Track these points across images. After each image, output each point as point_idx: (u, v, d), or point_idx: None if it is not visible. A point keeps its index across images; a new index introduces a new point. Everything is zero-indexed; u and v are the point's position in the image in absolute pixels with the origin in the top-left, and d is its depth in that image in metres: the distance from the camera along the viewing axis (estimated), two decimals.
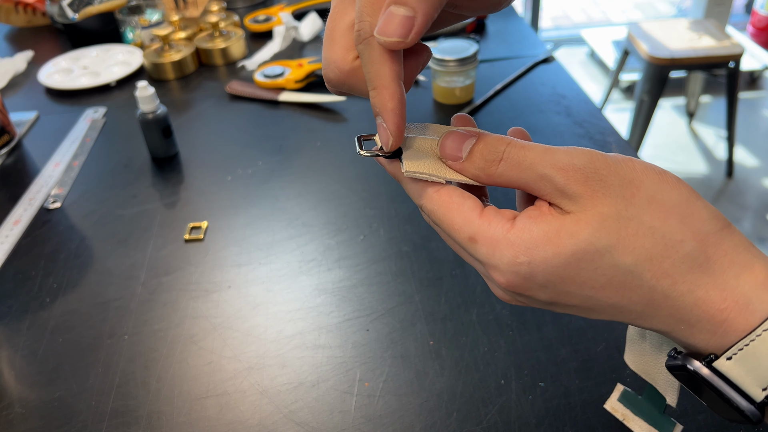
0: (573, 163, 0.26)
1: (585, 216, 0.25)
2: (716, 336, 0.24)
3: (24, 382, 0.51)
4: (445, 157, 0.28)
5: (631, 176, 0.25)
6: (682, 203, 0.25)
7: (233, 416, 0.47)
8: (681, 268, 0.24)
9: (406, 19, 0.25)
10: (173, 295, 0.58)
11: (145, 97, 0.72)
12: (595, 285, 0.26)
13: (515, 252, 0.26)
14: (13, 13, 1.19)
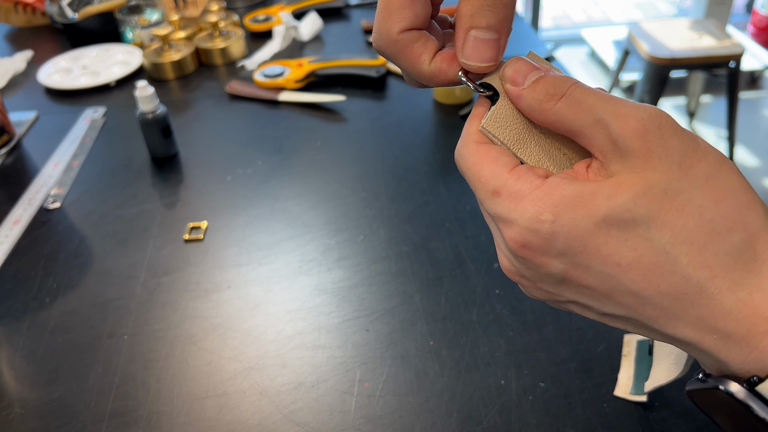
0: (636, 113, 0.23)
1: (629, 178, 0.22)
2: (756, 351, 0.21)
3: (23, 382, 0.50)
4: (507, 79, 0.26)
5: (695, 146, 0.23)
6: (740, 190, 0.22)
7: (233, 416, 0.47)
8: (724, 260, 0.21)
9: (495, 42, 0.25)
10: (173, 296, 0.58)
11: (145, 97, 0.72)
12: (621, 261, 0.22)
13: (540, 208, 0.23)
14: (13, 13, 1.19)
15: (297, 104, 0.88)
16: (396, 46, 0.27)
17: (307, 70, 0.91)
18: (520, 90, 0.25)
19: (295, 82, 0.90)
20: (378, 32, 0.27)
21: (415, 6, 0.26)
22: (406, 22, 0.26)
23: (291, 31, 1.07)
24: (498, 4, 0.25)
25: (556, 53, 2.35)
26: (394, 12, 0.26)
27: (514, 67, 0.26)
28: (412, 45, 0.27)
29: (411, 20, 0.26)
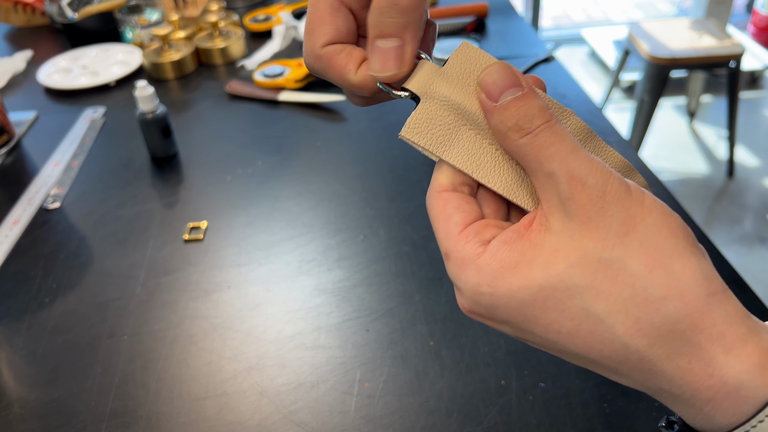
0: (586, 178, 0.23)
1: (566, 245, 0.23)
2: (702, 414, 0.22)
3: (23, 382, 0.50)
4: (482, 88, 0.25)
5: (634, 211, 0.23)
6: (675, 255, 0.22)
7: (233, 417, 0.47)
8: (660, 329, 0.22)
9: (397, 49, 0.25)
10: (173, 296, 0.58)
11: (145, 97, 0.72)
12: (561, 329, 0.23)
13: (480, 279, 0.24)
14: (12, 13, 1.19)
15: (297, 104, 0.88)
16: (321, 61, 0.27)
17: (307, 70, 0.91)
18: (491, 106, 0.25)
19: (295, 81, 0.90)
20: (305, 50, 0.28)
21: (335, 20, 0.27)
22: (327, 36, 0.27)
23: (291, 31, 1.07)
24: (396, 11, 0.25)
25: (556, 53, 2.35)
26: (315, 28, 0.27)
27: (493, 78, 0.25)
28: (335, 57, 0.27)
29: (332, 34, 0.27)
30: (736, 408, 0.21)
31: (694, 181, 2.08)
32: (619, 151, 0.72)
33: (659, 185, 0.67)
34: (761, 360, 0.21)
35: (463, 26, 1.04)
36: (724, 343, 0.21)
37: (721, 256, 0.58)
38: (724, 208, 1.96)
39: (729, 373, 0.21)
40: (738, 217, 1.92)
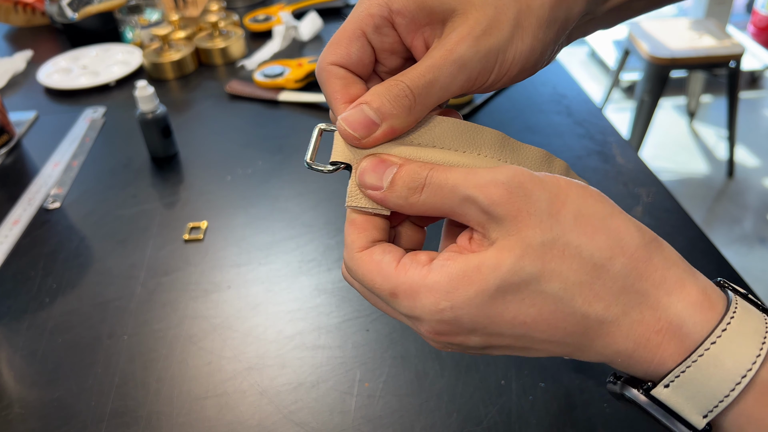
0: (496, 178, 0.24)
1: (508, 243, 0.24)
2: (653, 364, 0.23)
3: (23, 382, 0.50)
4: (365, 187, 0.27)
5: (556, 190, 0.24)
6: (608, 217, 0.24)
7: (233, 417, 0.47)
8: (613, 288, 0.23)
9: (371, 122, 0.26)
10: (173, 296, 0.58)
11: (145, 97, 0.72)
12: (526, 319, 0.24)
13: (436, 298, 0.24)
14: (13, 13, 1.19)
15: (297, 104, 0.88)
16: (321, 75, 0.29)
17: (307, 69, 0.91)
18: (382, 194, 0.26)
19: (295, 82, 0.90)
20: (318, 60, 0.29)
21: (350, 46, 0.28)
22: (336, 57, 0.28)
23: (291, 31, 1.07)
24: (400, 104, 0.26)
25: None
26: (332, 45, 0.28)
27: (366, 172, 0.27)
28: (333, 79, 0.28)
29: (342, 58, 0.28)
30: (681, 346, 0.22)
31: (694, 181, 2.08)
32: (619, 152, 0.73)
33: (659, 185, 0.67)
34: (699, 297, 0.23)
35: None
36: (666, 286, 0.23)
37: (721, 256, 0.58)
38: (724, 208, 1.96)
39: (672, 313, 0.22)
40: (738, 217, 1.92)
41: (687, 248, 0.59)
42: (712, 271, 0.56)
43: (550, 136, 0.77)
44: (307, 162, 0.29)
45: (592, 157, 0.73)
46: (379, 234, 0.28)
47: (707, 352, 0.22)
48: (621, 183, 0.68)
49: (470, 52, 0.26)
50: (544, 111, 0.83)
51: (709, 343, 0.22)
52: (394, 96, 0.26)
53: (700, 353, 0.22)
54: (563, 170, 0.30)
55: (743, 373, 0.21)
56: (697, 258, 0.58)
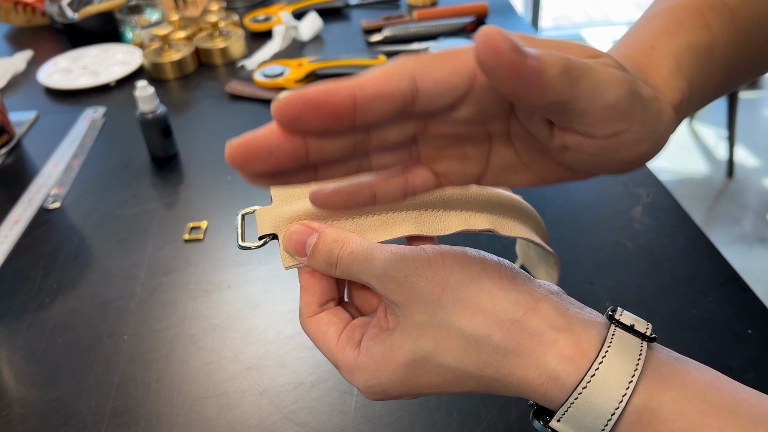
0: (387, 272, 0.28)
1: (406, 325, 0.28)
2: (548, 403, 0.27)
3: (23, 382, 0.50)
4: (293, 253, 0.30)
5: (438, 276, 0.28)
6: (484, 298, 0.27)
7: (233, 416, 0.47)
8: (496, 356, 0.27)
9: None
10: (173, 295, 0.58)
11: (145, 97, 0.72)
12: (438, 383, 0.28)
13: (366, 377, 0.29)
14: (13, 13, 1.19)
15: None
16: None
17: (307, 70, 0.91)
18: (308, 261, 0.30)
19: (295, 82, 0.90)
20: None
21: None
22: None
23: (291, 31, 1.07)
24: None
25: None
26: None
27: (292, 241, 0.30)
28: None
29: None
30: (561, 393, 0.26)
31: (693, 181, 2.08)
32: None
33: (659, 185, 0.67)
34: (570, 351, 0.26)
35: (462, 26, 1.04)
36: (542, 348, 0.26)
37: (720, 256, 0.58)
38: (723, 207, 1.96)
39: (550, 369, 0.26)
40: (737, 217, 1.92)
41: (687, 248, 0.59)
42: (712, 271, 0.56)
43: None
44: (240, 245, 0.32)
45: None
46: (327, 294, 0.32)
47: (581, 396, 0.25)
48: (620, 183, 0.68)
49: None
50: None
51: (581, 388, 0.25)
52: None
53: (575, 397, 0.25)
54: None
55: (613, 409, 0.25)
56: (697, 258, 0.58)
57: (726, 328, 0.51)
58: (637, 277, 0.56)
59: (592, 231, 0.62)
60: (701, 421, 0.24)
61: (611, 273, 0.56)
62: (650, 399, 0.25)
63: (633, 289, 0.55)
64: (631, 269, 0.57)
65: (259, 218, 0.32)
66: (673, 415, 0.24)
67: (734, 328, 0.51)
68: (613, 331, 0.26)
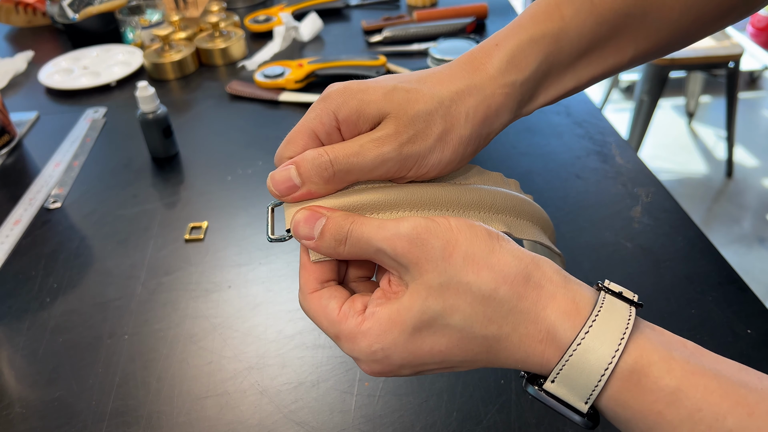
0: (398, 231, 0.28)
1: (415, 287, 0.28)
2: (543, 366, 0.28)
3: (24, 381, 0.51)
4: (300, 238, 0.31)
5: (449, 236, 0.28)
6: (489, 254, 0.28)
7: (233, 416, 0.47)
8: (501, 311, 0.27)
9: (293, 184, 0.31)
10: (173, 295, 0.58)
11: (146, 97, 0.72)
12: (441, 348, 0.29)
13: (369, 341, 0.29)
14: (14, 13, 1.19)
15: (297, 104, 0.88)
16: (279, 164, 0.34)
17: (308, 70, 0.91)
18: (315, 243, 0.30)
19: (296, 82, 0.90)
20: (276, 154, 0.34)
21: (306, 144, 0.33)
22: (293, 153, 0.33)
23: (291, 32, 1.07)
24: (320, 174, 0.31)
25: None
26: (288, 142, 0.33)
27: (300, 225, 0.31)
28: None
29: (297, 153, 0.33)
30: (558, 349, 0.27)
31: (693, 181, 2.09)
32: (618, 152, 0.73)
33: (658, 185, 0.67)
34: (568, 306, 0.27)
35: (462, 27, 1.04)
36: (542, 301, 0.27)
37: (720, 256, 0.58)
38: (722, 208, 1.96)
39: (549, 323, 0.27)
40: (737, 217, 1.92)
41: (686, 248, 0.59)
42: (711, 271, 0.56)
43: (549, 136, 0.78)
44: (269, 237, 0.32)
45: (592, 157, 0.73)
46: (327, 274, 0.32)
47: (575, 352, 0.26)
48: (620, 183, 0.68)
49: (393, 153, 0.31)
50: (543, 111, 0.83)
51: (575, 344, 0.26)
52: (317, 165, 0.30)
53: (570, 353, 0.26)
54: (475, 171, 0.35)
55: (605, 366, 0.26)
56: (696, 258, 0.58)
57: (725, 327, 0.51)
58: (636, 277, 0.56)
59: (592, 231, 0.62)
60: (687, 380, 0.25)
61: (610, 273, 0.57)
62: (640, 357, 0.26)
63: (632, 289, 0.55)
64: (631, 269, 0.57)
65: (287, 211, 0.32)
66: (662, 373, 0.25)
67: (733, 328, 0.51)
68: (603, 295, 0.28)
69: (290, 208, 0.32)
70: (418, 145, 0.31)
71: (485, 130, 0.33)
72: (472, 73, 0.32)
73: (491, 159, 0.74)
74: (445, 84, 0.32)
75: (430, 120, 0.31)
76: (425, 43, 1.01)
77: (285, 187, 0.31)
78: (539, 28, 0.33)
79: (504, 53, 0.32)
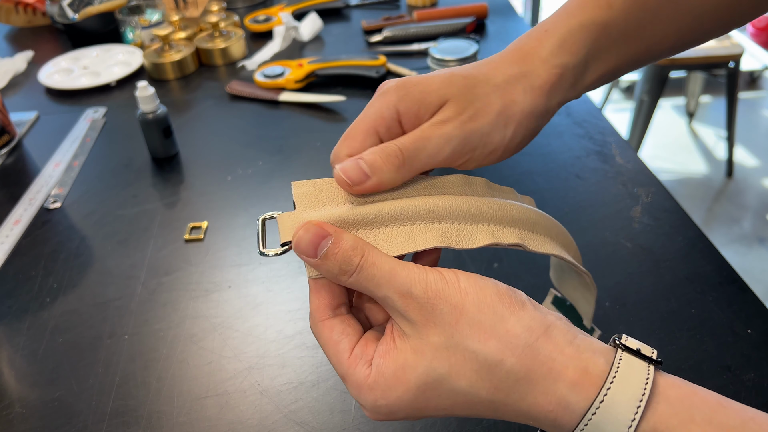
0: (411, 291, 0.28)
1: (420, 345, 0.28)
2: (556, 429, 0.27)
3: (24, 381, 0.51)
4: (301, 253, 0.30)
5: (456, 300, 0.28)
6: (498, 322, 0.28)
7: (233, 416, 0.47)
8: (508, 381, 0.27)
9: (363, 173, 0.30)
10: (173, 295, 0.58)
11: (145, 97, 0.72)
12: (445, 407, 0.29)
13: (375, 396, 0.29)
14: (14, 13, 1.19)
15: (297, 104, 0.88)
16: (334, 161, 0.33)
17: (308, 70, 0.91)
18: (316, 262, 0.30)
19: (296, 82, 0.90)
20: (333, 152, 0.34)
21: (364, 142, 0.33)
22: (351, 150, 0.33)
23: (291, 32, 1.07)
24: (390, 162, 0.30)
25: None
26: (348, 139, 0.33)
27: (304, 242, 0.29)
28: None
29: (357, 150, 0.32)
30: (571, 419, 0.26)
31: (693, 181, 2.09)
32: (618, 152, 0.73)
33: (658, 185, 0.67)
34: (579, 378, 0.27)
35: (462, 27, 1.04)
36: (552, 375, 0.27)
37: (720, 256, 0.58)
38: (723, 208, 1.96)
39: (560, 396, 0.27)
40: (737, 217, 1.92)
41: (686, 248, 0.59)
42: (711, 271, 0.56)
43: (549, 136, 0.78)
44: (260, 251, 0.32)
45: (592, 157, 0.73)
46: (338, 297, 0.32)
47: (590, 422, 0.26)
48: (620, 183, 0.68)
49: (456, 131, 0.31)
50: None
51: (590, 414, 0.26)
52: (386, 154, 0.30)
53: (585, 424, 0.26)
54: (483, 185, 0.34)
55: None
56: (696, 258, 0.58)
57: (725, 327, 0.51)
58: (636, 277, 0.56)
59: (592, 231, 0.62)
60: None
61: (610, 273, 0.57)
62: (658, 423, 0.25)
63: (632, 289, 0.55)
64: (631, 269, 0.57)
65: (281, 224, 0.31)
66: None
67: (733, 328, 0.51)
68: (620, 356, 0.27)
69: (285, 221, 0.31)
70: (479, 122, 0.32)
71: (542, 106, 0.33)
72: (524, 58, 0.34)
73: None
74: (500, 70, 0.33)
75: (489, 100, 0.32)
76: (425, 43, 1.01)
77: (357, 175, 0.30)
78: (588, 15, 0.34)
79: (555, 38, 0.34)
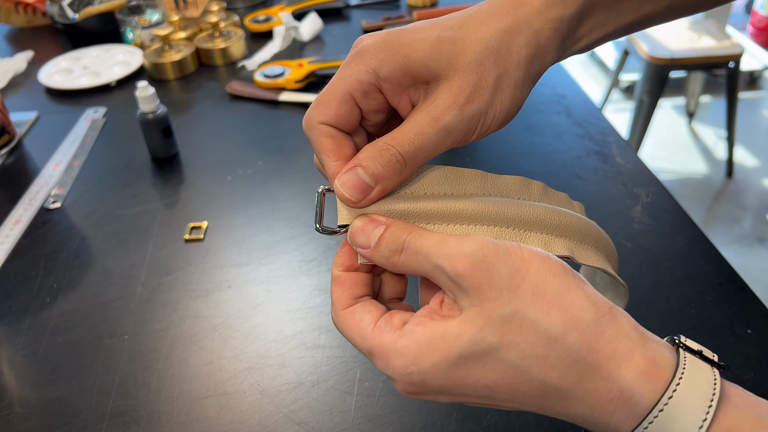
0: (462, 250, 0.26)
1: (471, 314, 0.26)
2: (611, 427, 0.25)
3: (24, 382, 0.51)
4: (355, 245, 0.29)
5: (518, 264, 0.26)
6: (563, 293, 0.25)
7: (233, 416, 0.47)
8: (566, 360, 0.25)
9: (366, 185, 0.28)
10: (173, 295, 0.58)
11: (145, 97, 0.72)
12: (487, 382, 0.26)
13: (405, 362, 0.26)
14: (14, 13, 1.19)
15: (297, 104, 0.88)
16: (311, 133, 0.30)
17: (308, 70, 0.91)
18: (369, 253, 0.29)
19: (296, 82, 0.90)
20: (306, 115, 0.31)
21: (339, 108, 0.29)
22: (325, 117, 0.29)
23: (291, 32, 1.07)
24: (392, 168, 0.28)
25: None
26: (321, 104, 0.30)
27: (357, 232, 0.29)
28: (323, 138, 0.30)
29: (330, 118, 0.29)
30: (632, 413, 0.24)
31: (693, 181, 2.09)
32: (618, 152, 0.73)
33: (658, 185, 0.67)
34: (646, 367, 0.24)
35: None
36: (617, 359, 0.24)
37: (720, 256, 0.58)
38: (723, 208, 1.96)
39: (623, 384, 0.24)
40: (737, 217, 1.92)
41: (686, 248, 0.59)
42: (711, 271, 0.56)
43: (549, 136, 0.78)
44: (317, 227, 0.30)
45: (592, 157, 0.73)
46: (362, 289, 0.30)
47: (656, 420, 0.23)
48: (620, 183, 0.68)
49: (456, 120, 0.28)
50: (543, 111, 0.83)
51: (657, 411, 0.23)
52: (386, 161, 0.28)
53: (650, 420, 0.24)
54: (540, 190, 0.33)
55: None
56: (696, 258, 0.58)
57: (725, 327, 0.51)
58: (636, 277, 0.56)
59: None
60: None
61: None
62: (730, 426, 0.23)
63: (632, 288, 0.55)
64: (631, 269, 0.57)
65: (341, 206, 0.30)
66: None
67: (733, 328, 0.51)
68: (684, 355, 0.25)
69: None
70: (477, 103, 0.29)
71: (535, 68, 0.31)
72: (516, 7, 0.30)
73: (491, 159, 0.74)
74: (490, 23, 0.29)
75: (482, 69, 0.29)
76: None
77: (359, 191, 0.28)
78: None
79: None
